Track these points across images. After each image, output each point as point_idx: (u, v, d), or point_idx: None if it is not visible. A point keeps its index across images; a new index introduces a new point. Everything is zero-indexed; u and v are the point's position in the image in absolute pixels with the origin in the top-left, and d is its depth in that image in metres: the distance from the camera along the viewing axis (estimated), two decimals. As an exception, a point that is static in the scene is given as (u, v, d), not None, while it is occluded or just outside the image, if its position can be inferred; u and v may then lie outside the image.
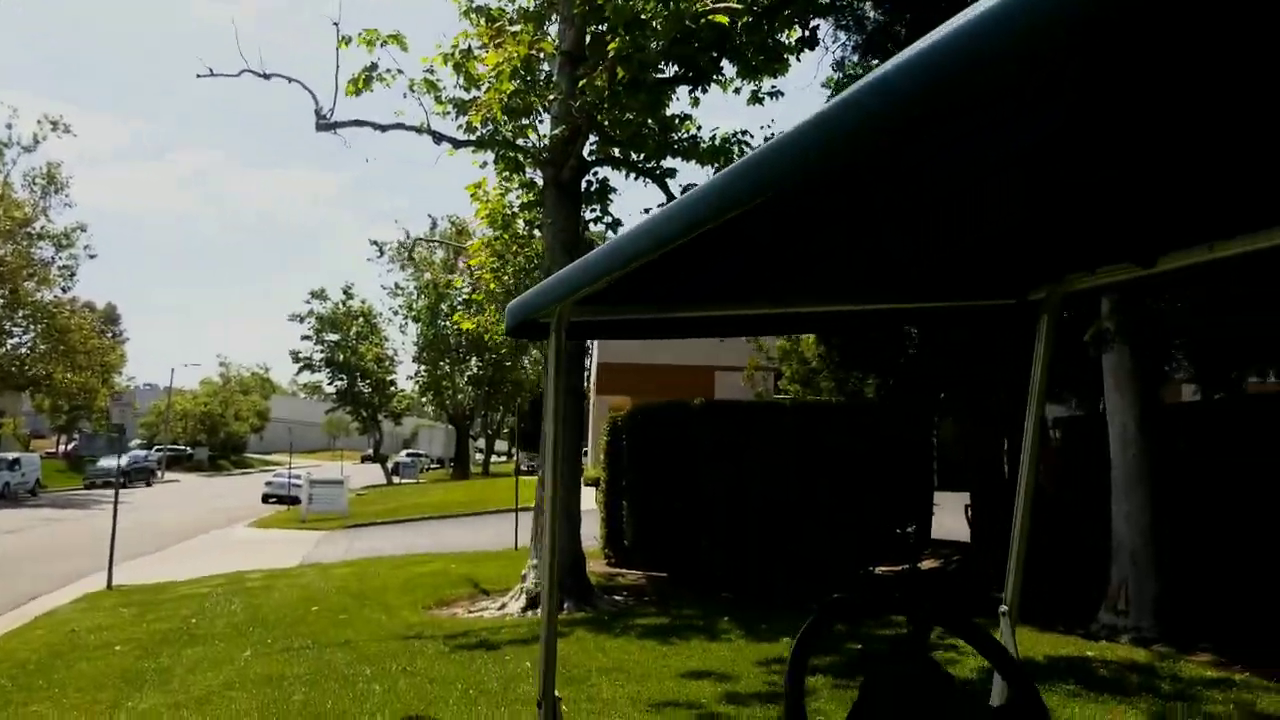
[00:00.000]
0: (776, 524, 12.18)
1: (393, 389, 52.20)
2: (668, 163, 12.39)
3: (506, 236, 12.36)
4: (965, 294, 2.38)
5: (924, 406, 13.98)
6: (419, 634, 9.10)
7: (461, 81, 11.66)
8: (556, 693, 2.18)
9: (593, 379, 39.28)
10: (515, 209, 12.70)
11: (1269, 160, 1.57)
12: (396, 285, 49.97)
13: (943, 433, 15.65)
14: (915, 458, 13.11)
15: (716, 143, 12.31)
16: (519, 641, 8.64)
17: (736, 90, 12.47)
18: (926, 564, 13.88)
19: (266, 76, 11.89)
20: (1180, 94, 1.31)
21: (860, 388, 17.27)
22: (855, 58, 13.14)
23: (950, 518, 14.62)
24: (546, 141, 11.60)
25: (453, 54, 11.34)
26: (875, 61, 12.09)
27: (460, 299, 43.22)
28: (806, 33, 12.19)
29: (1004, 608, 2.41)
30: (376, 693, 6.80)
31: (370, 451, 62.76)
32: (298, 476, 31.77)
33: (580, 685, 6.96)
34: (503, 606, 10.73)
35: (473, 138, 11.50)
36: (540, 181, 12.18)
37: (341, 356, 48.04)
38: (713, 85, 12.20)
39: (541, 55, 11.26)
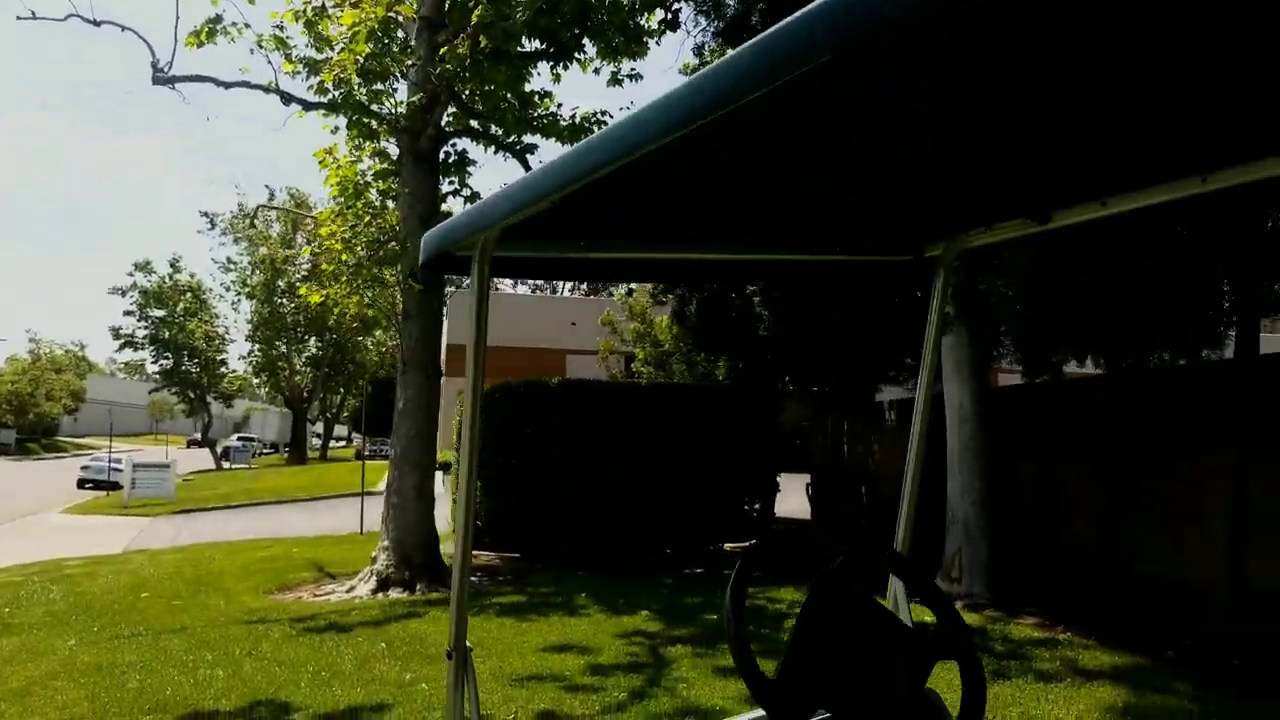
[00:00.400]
0: (628, 502, 12.31)
1: (223, 369, 49.46)
2: (528, 139, 12.25)
3: (360, 206, 11.88)
4: (865, 249, 2.45)
5: (771, 389, 14.42)
6: (262, 618, 8.67)
7: (313, 41, 11.12)
8: (468, 643, 2.10)
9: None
10: (368, 178, 12.22)
11: (1156, 119, 1.67)
12: (229, 259, 47.37)
13: (786, 415, 16.19)
14: (762, 439, 13.48)
15: (576, 121, 12.25)
16: (371, 623, 8.38)
17: (596, 70, 12.45)
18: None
19: (97, 23, 10.99)
20: (1073, 53, 1.37)
21: (711, 370, 17.65)
22: (715, 43, 13.33)
23: (792, 498, 15.19)
24: (403, 109, 11.23)
25: (304, 11, 10.79)
26: (731, 51, 12.33)
27: (300, 275, 41.36)
28: (668, 15, 12.31)
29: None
30: (220, 678, 6.43)
31: (198, 435, 59.31)
32: (118, 460, 29.69)
33: (440, 663, 6.81)
34: (351, 589, 10.37)
35: (325, 100, 10.98)
36: (395, 150, 11.78)
37: (167, 334, 45.09)
38: (574, 64, 12.14)
39: (400, 18, 10.86)
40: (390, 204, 12.18)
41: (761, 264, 2.48)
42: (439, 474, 16.43)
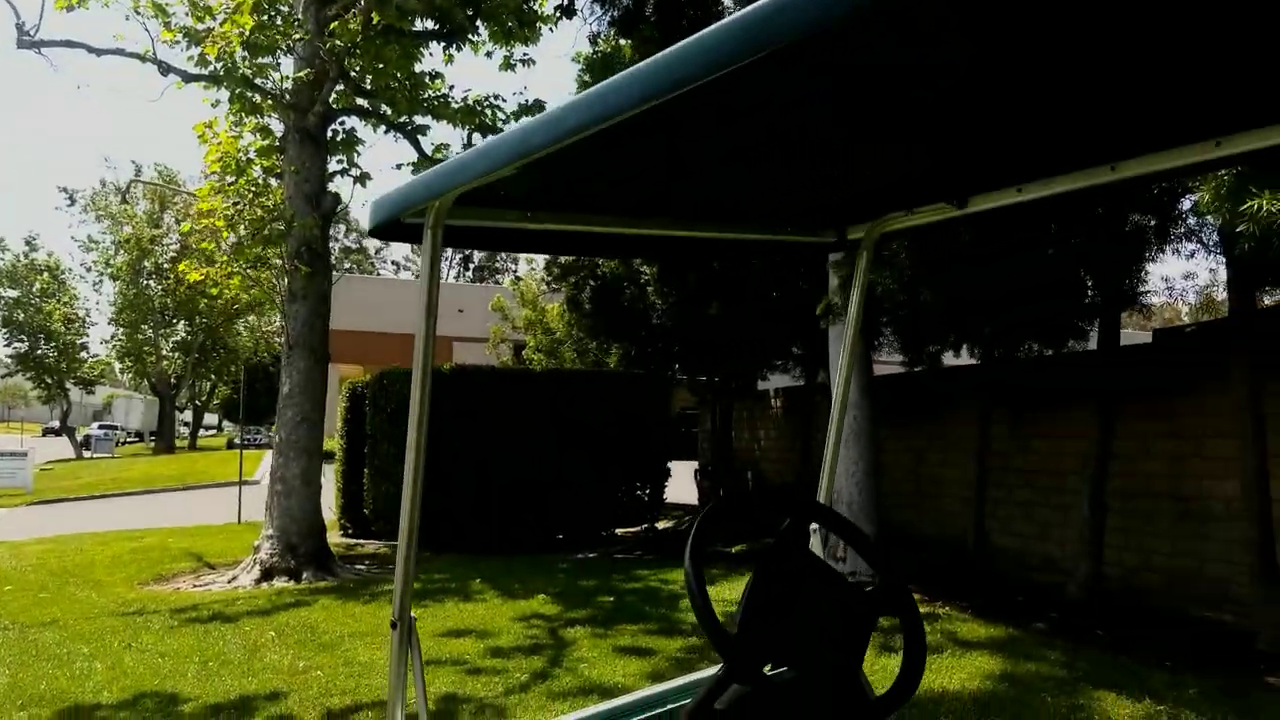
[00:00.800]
0: (522, 488, 12.30)
1: (84, 354, 46.64)
2: (419, 120, 12.02)
3: (242, 183, 11.40)
4: (792, 229, 2.55)
5: (662, 378, 14.59)
6: (139, 610, 8.29)
7: (193, 10, 10.61)
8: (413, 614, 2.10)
9: (320, 347, 37.28)
10: (251, 155, 11.74)
11: (1070, 109, 1.81)
12: (90, 238, 44.67)
13: (676, 402, 16.43)
14: (653, 426, 13.63)
15: (469, 104, 12.10)
16: (258, 613, 8.12)
17: (489, 54, 12.33)
18: (662, 524, 14.55)
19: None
20: (991, 44, 1.48)
21: (603, 358, 17.75)
22: (609, 32, 13.36)
23: (681, 485, 15.46)
24: (289, 84, 10.85)
25: (185, -23, 10.28)
26: (624, 42, 12.38)
27: (169, 256, 39.30)
28: (565, 1, 12.27)
29: (815, 527, 2.62)
30: (98, 670, 6.14)
31: (55, 423, 55.79)
32: (-36, 449, 27.71)
33: (334, 650, 6.68)
34: (233, 579, 10.02)
35: (206, 72, 10.51)
36: (280, 127, 11.38)
37: (21, 315, 42.21)
38: (466, 46, 11.98)
39: (288, -10, 10.48)
40: (274, 182, 11.75)
41: (696, 241, 2.55)
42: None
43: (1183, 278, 24.70)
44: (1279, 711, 5.24)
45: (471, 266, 67.73)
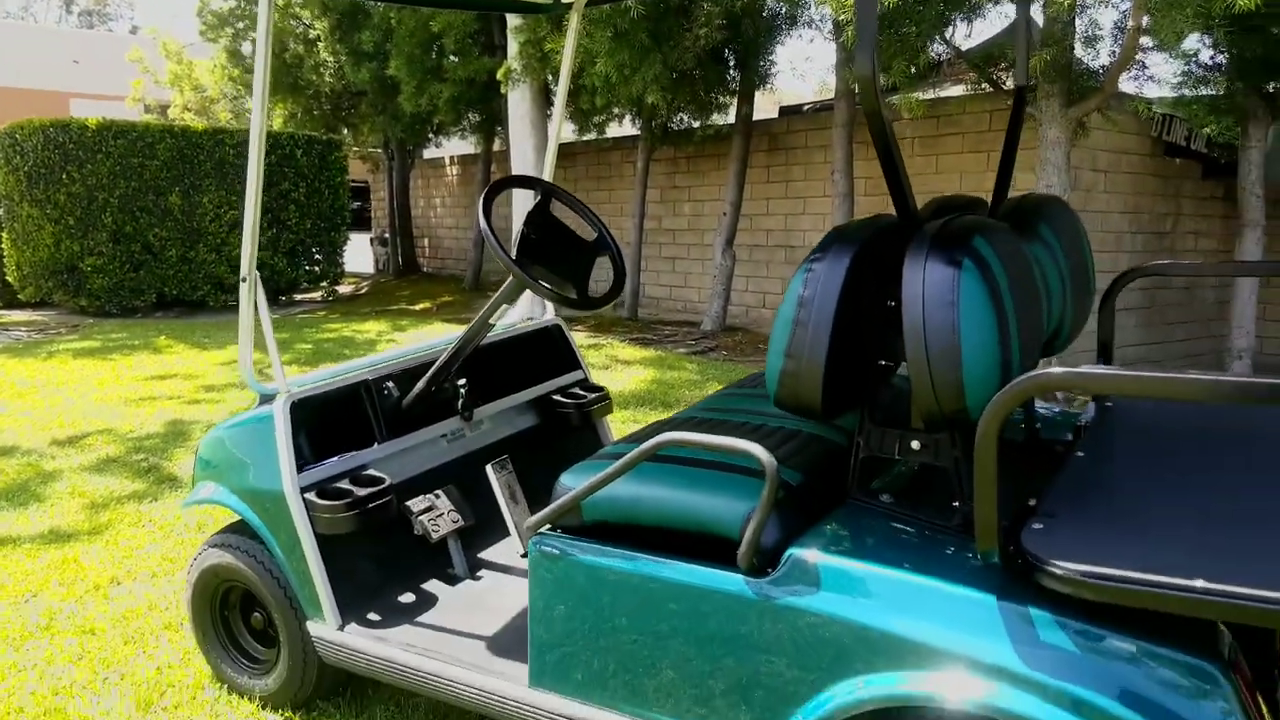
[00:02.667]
0: (194, 245, 12.04)
1: None
2: None
3: None
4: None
5: (336, 142, 14.38)
6: None
7: None
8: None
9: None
10: None
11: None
12: None
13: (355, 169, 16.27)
14: (329, 191, 13.54)
15: None
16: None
17: None
18: (343, 288, 14.90)
19: None
20: None
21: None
22: None
23: (355, 255, 15.70)
24: None
25: None
26: None
27: None
28: None
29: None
30: None
31: None
32: None
33: (29, 398, 6.75)
34: None
35: None
36: None
37: None
38: None
39: None
40: None
41: None
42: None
43: (804, 60, 27.64)
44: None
45: (75, 9, 57.70)
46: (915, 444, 1.91)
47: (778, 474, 1.80)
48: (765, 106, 12.06)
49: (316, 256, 13.61)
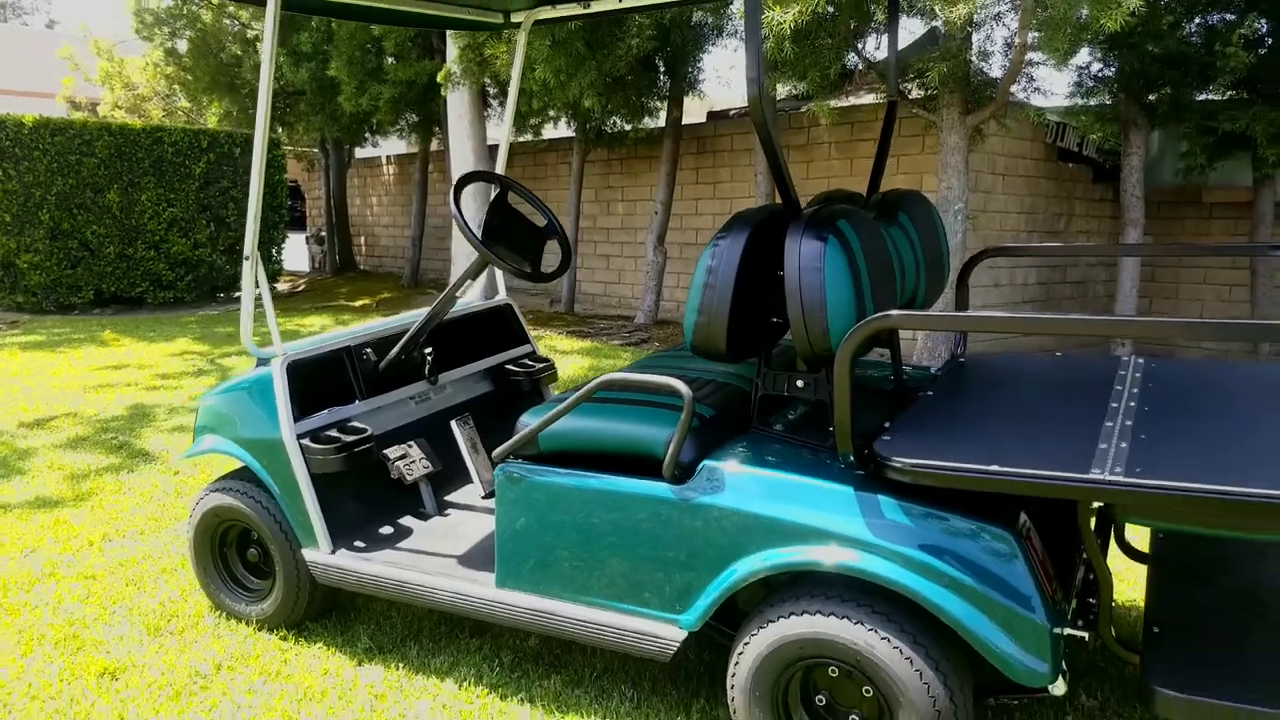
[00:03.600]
0: (138, 245, 12.16)
1: None
2: None
3: None
4: (471, 9, 3.73)
5: (274, 141, 14.58)
6: None
7: None
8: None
9: None
10: None
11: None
12: None
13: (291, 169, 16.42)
14: (269, 189, 13.71)
15: None
16: None
17: None
18: (281, 285, 15.08)
19: None
20: None
21: (196, 118, 17.01)
22: None
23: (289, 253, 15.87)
24: None
25: None
26: None
27: None
28: None
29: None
30: None
31: None
32: None
33: (-10, 385, 6.97)
34: None
35: None
36: None
37: None
38: None
39: None
40: None
41: (395, 12, 3.58)
42: None
43: (729, 68, 28.51)
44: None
45: (-12, 1, 55.78)
46: (800, 383, 2.47)
47: (693, 403, 2.33)
48: (695, 111, 12.65)
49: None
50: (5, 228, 11.64)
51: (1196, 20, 8.34)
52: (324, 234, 17.04)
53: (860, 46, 8.26)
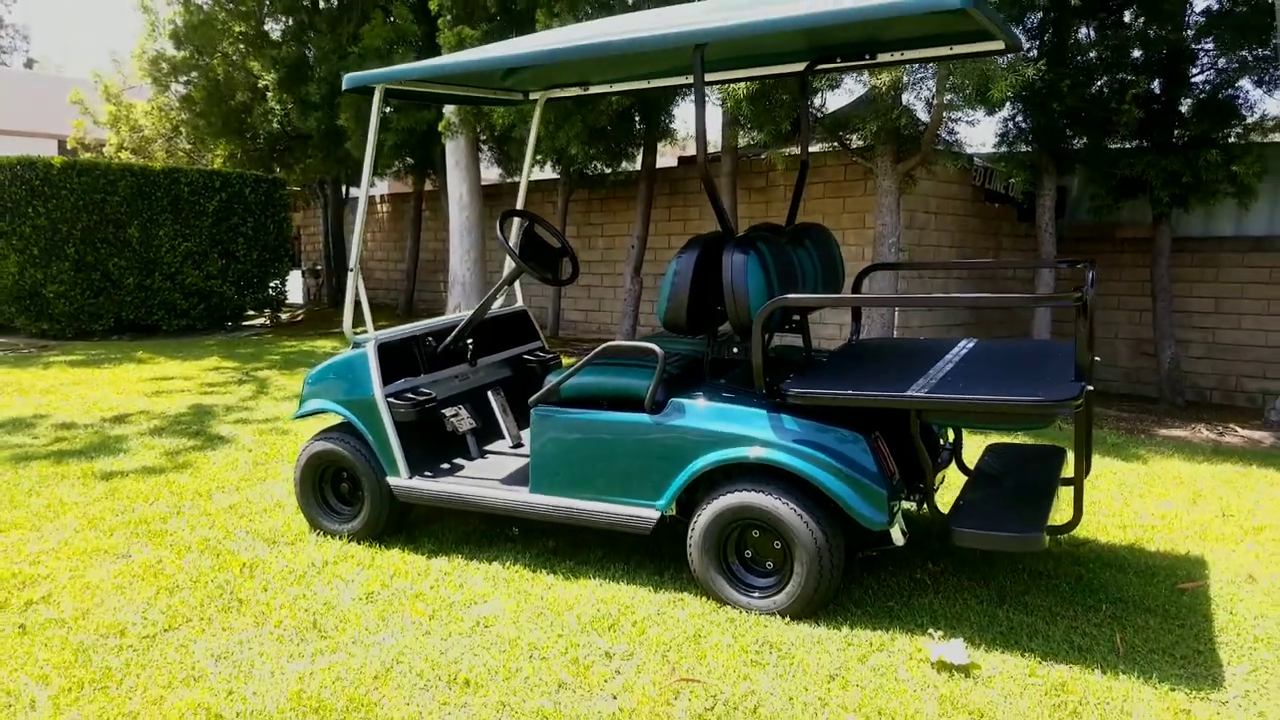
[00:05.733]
0: (160, 277, 13.26)
1: None
2: None
3: None
4: (498, 91, 5.00)
5: (279, 181, 15.78)
6: None
7: None
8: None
9: None
10: None
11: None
12: None
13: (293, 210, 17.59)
14: (274, 225, 14.85)
15: None
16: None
17: None
18: (284, 316, 16.20)
19: None
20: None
21: (198, 159, 18.20)
22: None
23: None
24: None
25: None
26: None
27: None
28: None
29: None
30: None
31: None
32: None
33: (58, 394, 8.07)
34: None
35: None
36: None
37: None
38: None
39: None
40: None
41: (453, 96, 4.85)
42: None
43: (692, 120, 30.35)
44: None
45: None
46: (735, 349, 3.72)
47: (664, 358, 3.58)
48: (667, 156, 14.04)
49: (269, 285, 14.90)
50: (34, 260, 12.72)
51: (1098, 81, 9.82)
52: (319, 268, 18.21)
53: (808, 104, 9.66)
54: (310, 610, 3.60)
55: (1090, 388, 3.13)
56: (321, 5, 14.86)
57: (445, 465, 4.35)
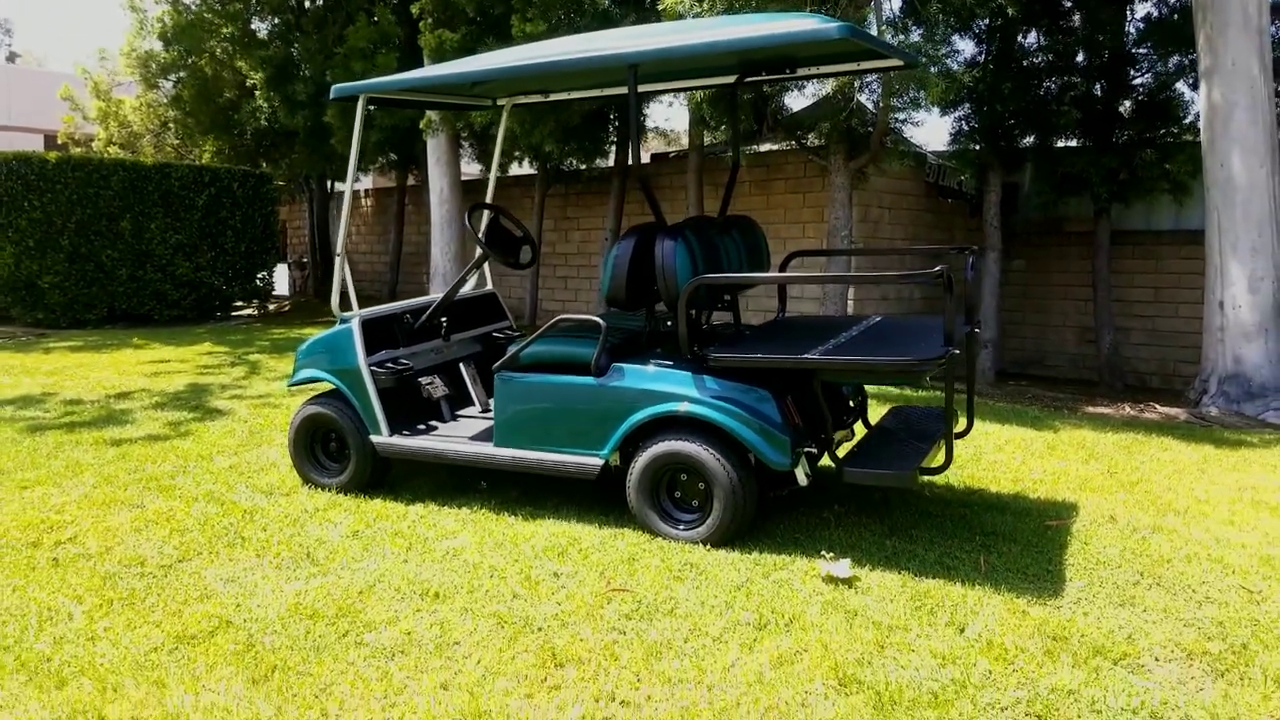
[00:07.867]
0: (152, 269, 13.77)
1: None
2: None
3: None
4: (469, 98, 5.60)
5: (267, 176, 16.28)
6: None
7: None
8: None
9: None
10: None
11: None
12: None
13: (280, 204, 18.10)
14: (262, 219, 15.34)
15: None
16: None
17: None
18: (272, 307, 16.73)
19: None
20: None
21: (186, 155, 18.68)
22: None
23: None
24: None
25: None
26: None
27: None
28: None
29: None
30: None
31: None
32: None
33: (63, 375, 8.62)
34: None
35: None
36: None
37: None
38: None
39: None
40: None
41: (429, 103, 5.46)
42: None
43: (664, 120, 31.32)
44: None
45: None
46: (669, 322, 4.35)
47: (607, 329, 4.21)
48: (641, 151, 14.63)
49: (257, 276, 15.42)
50: (29, 252, 13.21)
51: (1044, 84, 10.49)
52: (305, 260, 18.74)
53: (771, 106, 10.31)
54: (304, 545, 4.21)
55: (956, 351, 3.76)
56: (308, 6, 15.39)
57: (421, 426, 4.96)
